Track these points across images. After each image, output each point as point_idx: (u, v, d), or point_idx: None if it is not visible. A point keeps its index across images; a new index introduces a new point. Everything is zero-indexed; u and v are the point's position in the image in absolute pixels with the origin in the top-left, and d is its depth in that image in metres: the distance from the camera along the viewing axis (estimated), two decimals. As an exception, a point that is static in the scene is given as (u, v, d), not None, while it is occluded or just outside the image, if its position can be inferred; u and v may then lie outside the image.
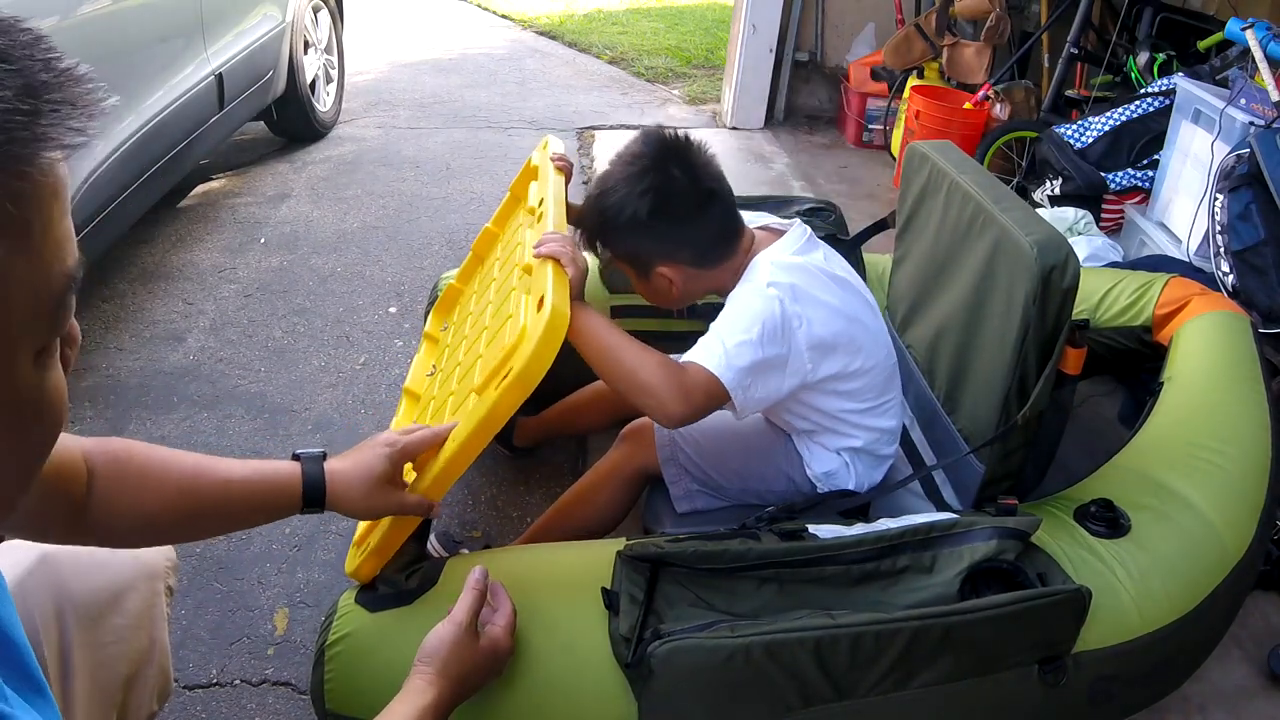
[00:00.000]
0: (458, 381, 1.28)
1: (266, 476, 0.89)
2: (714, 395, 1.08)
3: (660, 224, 1.17)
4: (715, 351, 1.08)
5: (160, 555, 0.99)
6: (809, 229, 1.27)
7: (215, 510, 0.87)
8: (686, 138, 1.21)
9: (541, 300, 1.01)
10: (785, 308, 1.13)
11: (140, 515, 0.82)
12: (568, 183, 1.45)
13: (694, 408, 1.07)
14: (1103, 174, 2.59)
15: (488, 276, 1.54)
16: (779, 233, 1.27)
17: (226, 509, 0.88)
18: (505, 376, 0.97)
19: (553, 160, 1.46)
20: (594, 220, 1.22)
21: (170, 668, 0.99)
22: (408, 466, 1.04)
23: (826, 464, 1.30)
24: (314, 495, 0.91)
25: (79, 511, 0.78)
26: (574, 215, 1.28)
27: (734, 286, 1.23)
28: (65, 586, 0.87)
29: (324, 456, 0.94)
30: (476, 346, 1.28)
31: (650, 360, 1.07)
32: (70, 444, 0.78)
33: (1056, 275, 1.12)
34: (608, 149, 3.79)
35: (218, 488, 0.86)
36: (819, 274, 1.21)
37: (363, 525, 1.11)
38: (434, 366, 1.48)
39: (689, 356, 1.11)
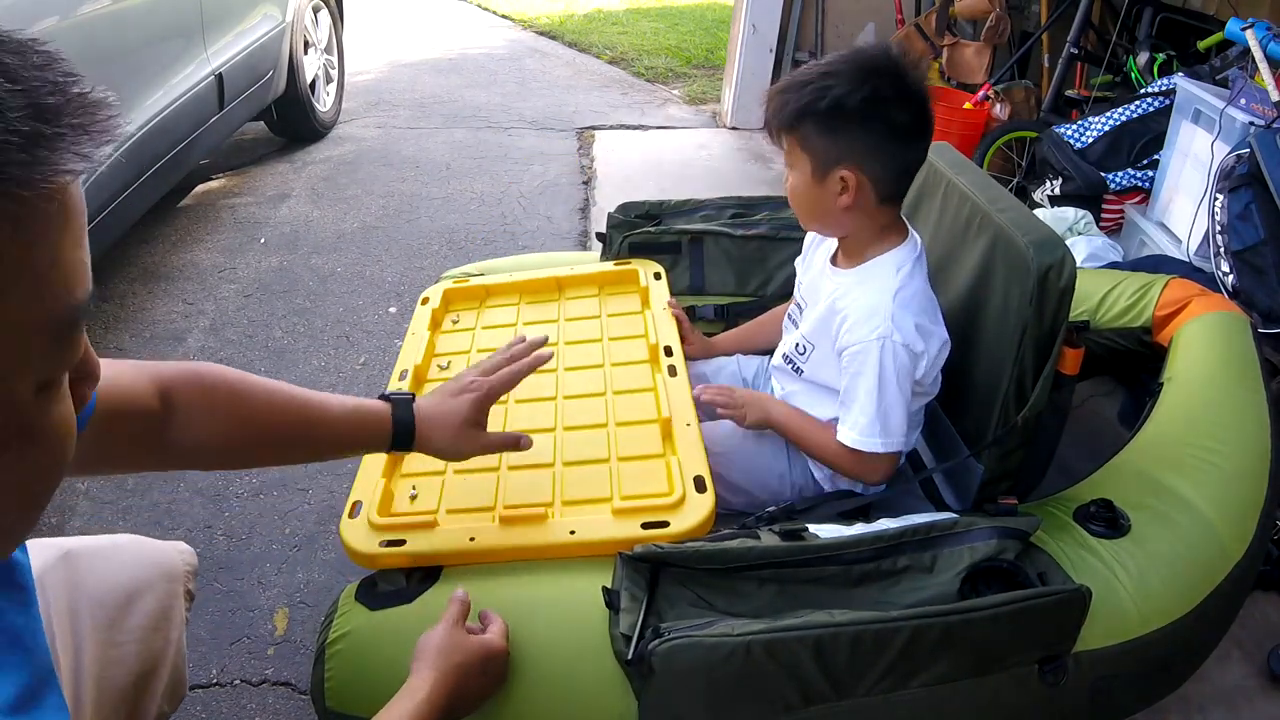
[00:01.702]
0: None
1: (357, 417, 0.94)
2: (891, 459, 1.22)
3: (874, 124, 1.14)
4: (874, 429, 1.19)
5: (180, 559, 0.99)
6: (920, 241, 1.26)
7: (303, 443, 0.93)
8: (912, 69, 1.18)
9: (700, 480, 1.12)
10: (912, 350, 1.18)
11: (225, 443, 0.86)
12: (681, 330, 1.49)
13: (883, 477, 1.25)
14: (1103, 174, 2.59)
15: (542, 321, 1.57)
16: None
17: (314, 443, 0.94)
18: (657, 525, 1.05)
19: (670, 307, 1.50)
20: (805, 97, 1.15)
21: (185, 671, 0.99)
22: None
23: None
24: (403, 438, 0.97)
25: (148, 438, 0.79)
26: (770, 109, 1.22)
27: (863, 250, 1.24)
28: (83, 584, 0.88)
29: (413, 399, 0.99)
30: (553, 408, 1.32)
31: (831, 447, 1.24)
32: (137, 378, 0.79)
33: (1053, 275, 1.12)
34: (608, 149, 3.79)
35: (308, 423, 0.90)
36: (932, 297, 1.23)
37: (378, 505, 1.12)
38: (448, 362, 1.48)
39: (852, 434, 1.20)
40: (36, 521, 0.46)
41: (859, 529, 1.08)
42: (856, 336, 1.19)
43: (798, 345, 1.34)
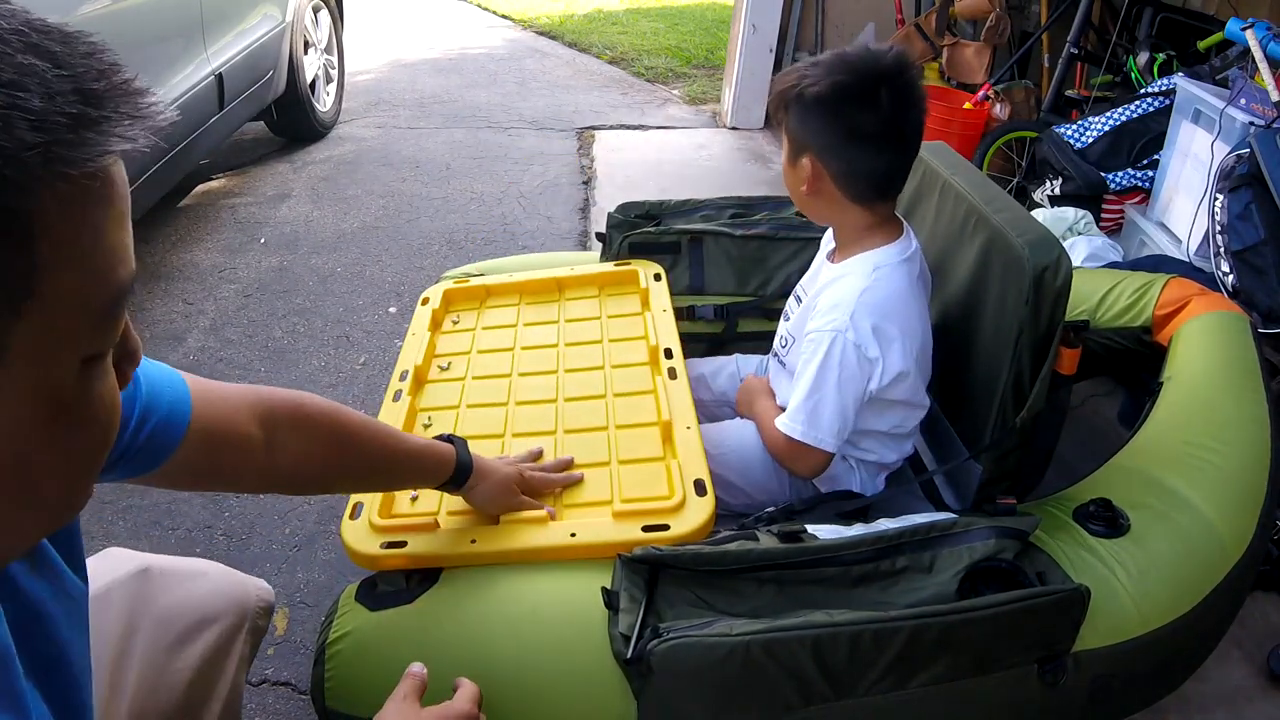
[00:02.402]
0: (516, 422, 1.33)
1: (427, 454, 1.00)
2: (814, 454, 1.23)
3: (831, 120, 1.15)
4: (799, 415, 1.21)
5: (255, 595, 0.98)
6: (916, 242, 1.27)
7: (385, 473, 0.99)
8: (918, 84, 1.19)
9: (700, 483, 1.12)
10: (864, 353, 1.18)
11: (323, 470, 0.90)
12: None
13: (809, 471, 1.27)
14: (1103, 174, 2.59)
15: (542, 322, 1.57)
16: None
17: (392, 474, 1.00)
18: (657, 528, 1.06)
19: None
20: (787, 82, 1.19)
21: (240, 709, 0.97)
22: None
23: (832, 466, 1.31)
24: (461, 476, 1.03)
25: (251, 461, 0.82)
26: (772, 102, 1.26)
27: (849, 246, 1.25)
28: (152, 603, 0.88)
29: (466, 443, 1.06)
30: (552, 410, 1.33)
31: (776, 437, 1.25)
32: (235, 404, 0.80)
33: (1049, 276, 1.12)
34: (608, 149, 3.80)
35: (392, 455, 0.96)
36: (910, 304, 1.22)
37: (379, 506, 1.12)
38: (448, 362, 1.48)
39: (783, 417, 1.23)
40: (86, 496, 0.48)
41: (858, 529, 1.08)
42: (815, 325, 1.21)
43: (782, 339, 1.36)
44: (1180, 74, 2.53)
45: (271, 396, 0.84)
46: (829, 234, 1.40)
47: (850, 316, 1.17)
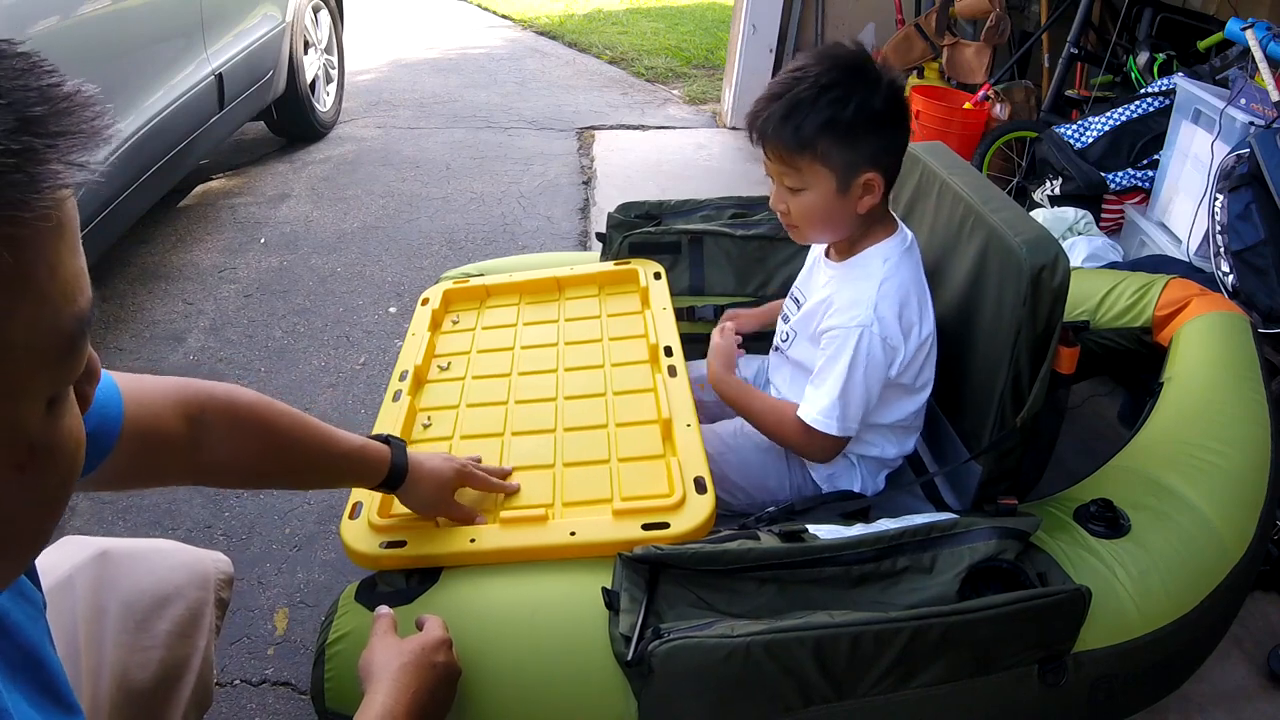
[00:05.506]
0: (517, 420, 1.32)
1: (362, 455, 0.99)
2: (840, 443, 1.24)
3: (889, 124, 1.15)
4: (834, 411, 1.19)
5: (214, 567, 0.99)
6: (910, 231, 1.27)
7: (318, 472, 0.97)
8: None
9: (700, 481, 1.12)
10: (889, 344, 1.19)
11: (252, 466, 0.89)
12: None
13: (828, 457, 1.26)
14: (1103, 174, 2.59)
15: (542, 321, 1.57)
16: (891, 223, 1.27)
17: (324, 473, 0.98)
18: (657, 526, 1.06)
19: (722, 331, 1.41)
20: (822, 112, 1.12)
21: (212, 680, 0.98)
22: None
23: (833, 464, 1.31)
24: (396, 479, 1.02)
25: (178, 459, 0.81)
26: (781, 134, 1.20)
27: (856, 244, 1.25)
28: (114, 585, 0.88)
29: (404, 445, 1.05)
30: (550, 409, 1.32)
31: (786, 424, 1.25)
32: (162, 403, 0.79)
33: (1046, 275, 1.13)
34: (608, 149, 3.79)
35: (325, 455, 0.94)
36: (922, 287, 1.23)
37: (378, 508, 1.12)
38: (448, 363, 1.48)
39: (811, 413, 1.21)
40: (53, 531, 0.46)
41: (859, 529, 1.08)
42: (838, 321, 1.21)
43: (784, 335, 1.37)
44: (1180, 74, 2.53)
45: (199, 391, 0.83)
46: None
47: (874, 310, 1.18)
